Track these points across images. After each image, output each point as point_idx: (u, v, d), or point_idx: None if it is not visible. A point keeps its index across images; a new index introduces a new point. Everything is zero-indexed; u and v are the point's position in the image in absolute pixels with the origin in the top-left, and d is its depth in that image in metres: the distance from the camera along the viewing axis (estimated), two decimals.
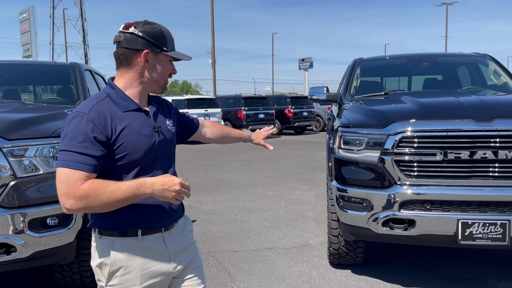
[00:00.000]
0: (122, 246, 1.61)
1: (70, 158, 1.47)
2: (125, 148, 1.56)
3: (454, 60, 5.14)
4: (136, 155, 1.59)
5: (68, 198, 1.44)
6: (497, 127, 2.97)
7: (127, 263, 1.61)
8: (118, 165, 1.57)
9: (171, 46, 1.68)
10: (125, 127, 1.57)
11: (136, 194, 1.50)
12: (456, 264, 3.92)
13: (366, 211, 3.24)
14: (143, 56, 1.61)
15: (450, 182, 3.07)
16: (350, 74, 4.97)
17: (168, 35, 1.67)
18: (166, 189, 1.51)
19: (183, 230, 1.81)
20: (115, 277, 1.62)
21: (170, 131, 1.77)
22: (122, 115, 1.59)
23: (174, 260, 1.71)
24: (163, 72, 1.68)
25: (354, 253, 3.71)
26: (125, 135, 1.56)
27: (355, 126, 3.41)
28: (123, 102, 1.62)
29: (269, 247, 4.49)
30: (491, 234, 2.95)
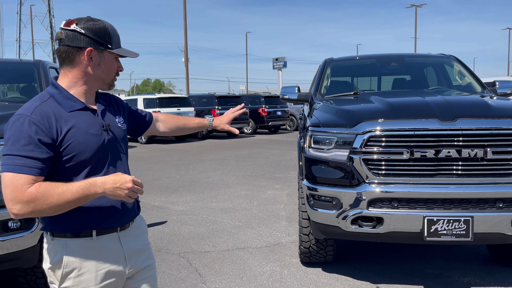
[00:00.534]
0: (75, 247, 1.58)
1: (14, 162, 1.42)
2: (73, 149, 1.52)
3: (422, 60, 5.26)
4: (85, 156, 1.55)
5: (15, 203, 1.40)
6: (460, 126, 3.05)
7: (81, 264, 1.58)
8: (67, 166, 1.53)
9: (116, 43, 1.63)
10: (71, 127, 1.53)
11: (87, 194, 1.46)
12: (423, 260, 4.01)
13: (336, 209, 3.28)
14: (87, 54, 1.56)
15: (416, 180, 3.14)
16: (320, 74, 5.01)
17: (112, 31, 1.63)
18: (118, 187, 1.48)
19: (138, 230, 1.79)
20: (69, 278, 1.58)
21: (121, 128, 1.73)
22: (68, 115, 1.55)
23: (129, 260, 1.69)
24: (108, 70, 1.64)
25: (325, 251, 3.74)
26: (72, 136, 1.52)
27: (325, 126, 3.44)
28: (68, 102, 1.57)
29: (241, 247, 4.48)
30: (455, 230, 3.03)
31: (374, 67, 5.26)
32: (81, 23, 1.56)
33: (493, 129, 3.05)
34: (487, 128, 3.05)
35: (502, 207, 3.05)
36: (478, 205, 3.07)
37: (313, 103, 4.46)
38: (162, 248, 4.47)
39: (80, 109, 1.59)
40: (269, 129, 20.99)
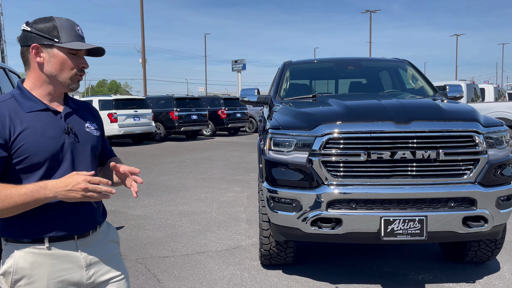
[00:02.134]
0: (26, 253, 1.51)
1: None
2: (25, 150, 1.47)
3: (377, 64, 5.40)
4: (38, 158, 1.49)
5: None
6: (414, 129, 3.15)
7: (31, 271, 1.51)
8: (19, 168, 1.48)
9: (68, 37, 1.53)
10: (26, 128, 1.48)
11: (36, 197, 1.41)
12: (379, 259, 4.11)
13: (296, 211, 3.29)
14: (33, 51, 1.52)
15: (373, 182, 3.21)
16: (280, 76, 5.04)
17: (64, 25, 1.54)
18: (70, 189, 1.41)
19: (104, 239, 1.71)
20: (18, 286, 1.51)
21: (89, 133, 1.66)
22: (25, 116, 1.50)
23: (89, 269, 1.62)
24: (60, 67, 1.55)
25: (285, 253, 3.75)
26: (25, 137, 1.47)
27: (285, 128, 3.46)
28: (28, 102, 1.53)
29: (201, 251, 4.42)
30: (410, 229, 3.12)
31: (331, 70, 5.36)
32: (31, 22, 1.54)
33: (445, 131, 3.17)
34: (439, 131, 3.17)
35: (453, 206, 3.18)
36: (431, 205, 3.19)
37: (272, 105, 4.48)
38: None
39: (40, 110, 1.54)
40: (228, 131, 20.94)
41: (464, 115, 3.35)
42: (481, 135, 3.19)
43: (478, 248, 3.67)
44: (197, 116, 18.00)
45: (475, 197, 3.16)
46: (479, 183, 3.19)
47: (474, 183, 3.19)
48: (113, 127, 15.36)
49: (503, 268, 3.83)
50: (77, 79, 1.59)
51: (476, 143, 3.18)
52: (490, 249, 3.67)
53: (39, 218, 1.51)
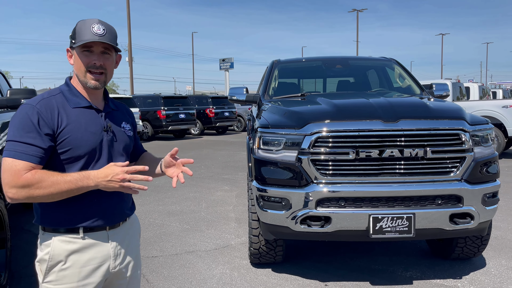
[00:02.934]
0: (62, 242, 1.62)
1: (16, 148, 1.51)
2: (69, 143, 1.59)
3: (365, 63, 5.44)
4: (79, 151, 1.61)
5: (11, 187, 1.48)
6: (402, 127, 3.18)
7: (66, 259, 1.62)
8: (62, 159, 1.60)
9: (81, 37, 1.62)
10: (71, 122, 1.61)
11: (79, 186, 1.53)
12: (368, 256, 4.14)
13: (285, 210, 3.30)
14: (67, 54, 1.69)
15: (362, 180, 3.23)
16: (268, 75, 5.04)
17: (81, 27, 1.63)
18: (110, 180, 1.53)
19: (130, 230, 1.82)
20: (52, 272, 1.63)
21: (124, 133, 1.79)
22: (71, 111, 1.63)
23: (116, 259, 1.73)
24: (78, 66, 1.66)
25: (274, 251, 3.76)
26: (70, 130, 1.60)
27: (274, 127, 3.46)
28: (74, 98, 1.66)
29: (190, 250, 4.40)
30: (398, 227, 3.15)
31: (320, 69, 5.38)
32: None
33: (432, 130, 3.20)
34: (426, 129, 3.20)
35: (440, 203, 3.22)
36: (419, 202, 3.22)
37: (261, 104, 4.48)
38: None
39: (84, 106, 1.67)
40: (216, 130, 20.89)
41: (450, 114, 3.39)
42: (467, 133, 3.23)
43: (464, 244, 3.72)
44: (185, 115, 17.92)
45: (462, 195, 3.20)
46: (466, 181, 3.24)
47: (461, 180, 3.24)
48: None
49: (489, 264, 3.89)
50: (90, 77, 1.65)
51: (463, 141, 3.22)
52: (476, 246, 3.73)
53: (75, 209, 1.62)
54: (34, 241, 4.55)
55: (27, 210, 5.95)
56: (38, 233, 1.72)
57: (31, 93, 4.29)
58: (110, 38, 1.64)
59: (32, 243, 4.75)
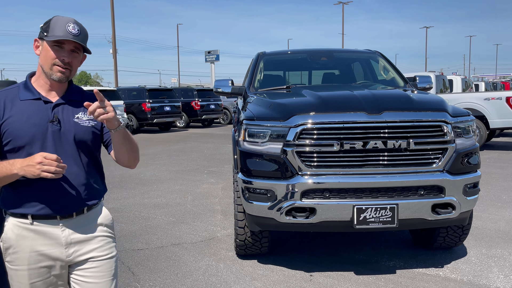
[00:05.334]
0: (14, 226, 1.72)
1: None
2: (10, 134, 1.66)
3: (350, 56, 5.47)
4: (19, 142, 1.67)
5: None
6: (386, 119, 3.21)
7: (16, 242, 1.71)
8: (6, 149, 1.69)
9: (55, 32, 1.67)
10: (13, 114, 1.67)
11: (6, 173, 1.60)
12: (352, 247, 4.20)
13: (270, 201, 3.32)
14: (34, 44, 1.73)
15: (346, 171, 3.26)
16: (254, 67, 5.03)
17: (56, 22, 1.69)
18: (28, 164, 1.57)
19: (90, 222, 1.83)
20: (8, 254, 1.74)
21: (77, 123, 1.77)
22: (18, 103, 1.70)
23: (69, 247, 1.75)
24: (45, 58, 1.70)
25: (260, 243, 3.78)
26: (11, 122, 1.66)
27: (259, 119, 3.46)
28: (25, 92, 1.73)
29: (176, 243, 4.40)
30: (382, 217, 3.20)
31: (305, 62, 5.39)
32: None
33: (415, 121, 3.25)
34: (410, 121, 3.24)
35: (423, 194, 3.27)
36: (402, 193, 3.27)
37: (247, 96, 4.48)
38: None
39: (33, 99, 1.72)
40: (202, 123, 20.81)
41: (433, 106, 3.44)
42: (449, 125, 3.28)
43: (446, 234, 3.80)
44: (170, 107, 17.79)
45: (444, 185, 3.26)
46: (447, 171, 3.30)
47: (443, 171, 3.29)
48: None
49: (470, 253, 3.98)
50: (57, 70, 1.70)
51: (445, 132, 3.27)
52: (458, 235, 3.81)
53: (23, 196, 1.69)
54: None
55: None
56: None
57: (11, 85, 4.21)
58: (82, 39, 1.73)
59: None
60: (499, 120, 10.20)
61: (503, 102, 10.13)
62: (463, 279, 3.45)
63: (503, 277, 3.47)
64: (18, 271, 1.71)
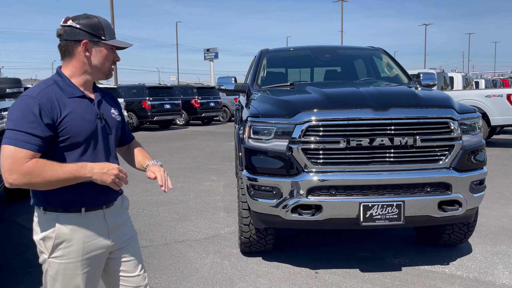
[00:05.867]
0: (66, 221, 1.77)
1: (17, 137, 1.61)
2: (69, 131, 1.72)
3: (353, 52, 5.45)
4: (78, 139, 1.75)
5: (12, 173, 1.58)
6: (392, 116, 3.20)
7: (70, 236, 1.77)
8: (61, 146, 1.73)
9: (110, 35, 1.83)
10: (70, 112, 1.72)
11: (76, 176, 1.66)
12: (357, 244, 4.19)
13: (276, 198, 3.30)
14: (83, 46, 1.77)
15: (352, 168, 3.25)
16: (257, 64, 5.01)
17: (106, 25, 1.82)
18: (105, 173, 1.69)
19: (121, 207, 1.99)
20: (59, 249, 1.77)
21: (114, 119, 1.94)
22: (68, 100, 1.74)
23: (111, 235, 1.90)
24: (104, 60, 1.83)
25: (265, 240, 3.77)
26: (69, 120, 1.72)
27: (264, 116, 3.45)
28: (68, 88, 1.77)
29: (180, 240, 4.39)
30: (388, 214, 3.19)
31: (308, 59, 5.37)
32: (77, 20, 1.77)
33: (422, 118, 3.23)
34: (416, 117, 3.23)
35: (429, 191, 3.26)
36: (408, 190, 3.26)
37: (250, 93, 4.46)
38: None
39: (78, 96, 1.79)
40: (202, 121, 20.78)
41: (440, 102, 3.43)
42: (456, 122, 3.27)
43: (451, 231, 3.79)
44: (170, 105, 17.76)
45: (450, 182, 3.25)
46: (454, 168, 3.28)
47: (449, 168, 3.28)
48: None
49: (475, 250, 3.97)
50: (112, 69, 1.89)
51: (451, 129, 3.26)
52: (463, 232, 3.80)
53: (78, 190, 1.75)
54: (21, 233, 4.53)
55: (13, 202, 5.85)
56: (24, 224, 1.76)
57: (16, 82, 4.19)
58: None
59: (19, 235, 4.68)
60: (500, 117, 10.21)
61: (504, 99, 10.13)
62: (469, 276, 3.44)
63: (508, 274, 3.46)
64: (69, 264, 1.78)
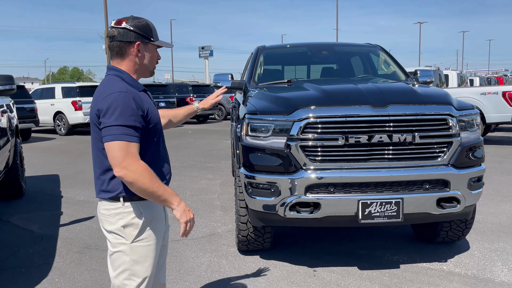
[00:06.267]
0: (146, 207, 1.92)
1: (124, 131, 1.74)
2: (152, 120, 1.90)
3: (350, 49, 5.41)
4: (158, 125, 1.97)
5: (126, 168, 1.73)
6: (391, 112, 3.18)
7: (151, 220, 1.94)
8: (147, 134, 1.88)
9: (156, 36, 1.98)
10: (147, 103, 1.91)
11: (167, 199, 1.84)
12: (355, 242, 4.17)
13: (274, 196, 3.28)
14: (136, 47, 1.91)
15: (351, 165, 3.23)
16: (254, 61, 4.97)
17: (153, 26, 1.97)
18: (187, 210, 1.89)
19: None
20: (143, 233, 1.91)
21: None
22: (140, 94, 1.90)
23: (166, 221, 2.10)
24: (152, 59, 1.99)
25: (263, 238, 3.74)
26: (151, 110, 1.91)
27: (262, 113, 3.41)
28: (135, 84, 1.93)
29: (176, 239, 4.35)
30: (387, 212, 3.17)
31: (305, 55, 5.33)
32: (129, 21, 1.91)
33: (420, 115, 3.22)
34: (415, 114, 3.21)
35: (428, 188, 3.25)
36: (407, 187, 3.24)
37: (247, 91, 4.42)
38: (91, 245, 4.21)
39: (142, 90, 1.96)
40: (197, 119, 20.70)
41: (438, 99, 3.41)
42: (454, 118, 3.26)
43: (449, 228, 3.78)
44: (165, 103, 17.66)
45: (449, 179, 3.24)
46: (452, 165, 3.27)
47: (448, 165, 3.27)
48: (77, 115, 14.90)
49: (473, 247, 3.97)
50: (156, 67, 2.06)
51: (450, 126, 3.25)
52: (461, 229, 3.79)
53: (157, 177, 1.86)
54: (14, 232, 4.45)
55: (5, 200, 5.78)
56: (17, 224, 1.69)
57: (8, 79, 4.13)
58: None
59: (12, 235, 4.62)
60: (496, 115, 10.24)
61: (499, 97, 10.16)
62: (467, 273, 3.44)
63: (507, 271, 3.46)
64: (150, 246, 1.92)
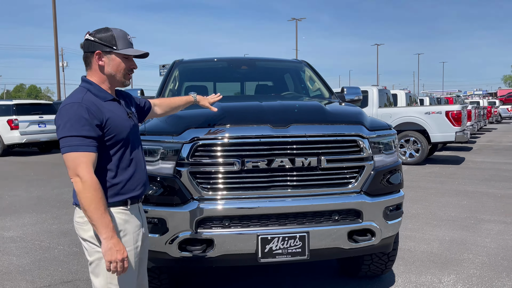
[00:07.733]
0: (118, 213, 1.93)
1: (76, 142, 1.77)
2: (113, 130, 1.90)
3: (274, 65, 4.98)
4: (121, 136, 1.94)
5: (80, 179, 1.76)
6: (292, 133, 2.76)
7: (123, 227, 1.95)
8: (107, 144, 1.89)
9: (123, 45, 1.97)
10: (110, 113, 1.91)
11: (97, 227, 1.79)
12: (274, 278, 3.71)
13: (161, 233, 2.77)
14: (96, 56, 1.95)
15: (249, 194, 2.77)
16: (166, 76, 4.48)
17: (119, 36, 1.97)
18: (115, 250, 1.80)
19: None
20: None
21: (135, 116, 2.16)
22: (104, 104, 1.92)
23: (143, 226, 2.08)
24: (118, 68, 1.98)
25: (159, 280, 3.20)
26: (112, 120, 1.90)
27: (150, 134, 2.92)
28: (101, 94, 1.95)
29: (68, 280, 3.73)
30: (290, 248, 2.72)
31: (224, 71, 4.89)
32: (93, 33, 1.96)
33: (326, 136, 2.81)
34: (320, 135, 2.80)
35: (338, 219, 2.83)
36: (314, 218, 2.81)
37: None
38: None
39: (111, 100, 1.97)
40: None
41: (348, 118, 3.03)
42: (365, 140, 2.87)
43: (371, 262, 3.39)
44: None
45: (361, 208, 2.83)
46: (365, 193, 2.87)
47: (360, 192, 2.87)
48: (13, 135, 13.92)
49: (398, 281, 3.58)
50: (128, 77, 2.05)
51: (361, 148, 2.86)
52: (383, 262, 3.40)
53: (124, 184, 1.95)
54: None
55: None
56: None
57: None
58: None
59: None
60: (440, 134, 10.20)
61: (443, 116, 10.14)
62: None
63: None
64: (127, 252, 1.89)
